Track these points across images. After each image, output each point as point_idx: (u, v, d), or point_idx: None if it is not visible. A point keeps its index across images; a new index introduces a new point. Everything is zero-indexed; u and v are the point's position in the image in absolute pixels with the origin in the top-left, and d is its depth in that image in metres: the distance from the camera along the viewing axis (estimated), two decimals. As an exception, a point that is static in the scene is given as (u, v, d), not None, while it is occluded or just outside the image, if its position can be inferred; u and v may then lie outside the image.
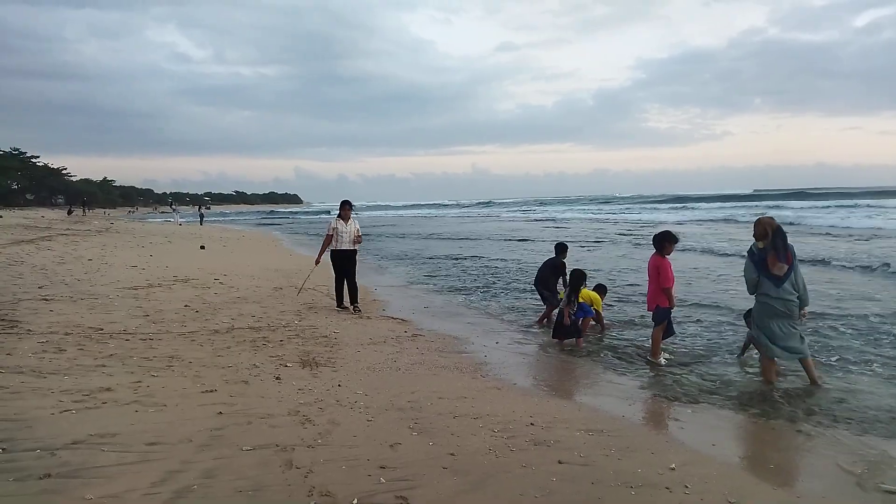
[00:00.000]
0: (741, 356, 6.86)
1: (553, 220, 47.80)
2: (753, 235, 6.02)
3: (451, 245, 24.59)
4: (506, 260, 18.07)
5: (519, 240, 26.69)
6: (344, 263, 9.96)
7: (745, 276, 6.13)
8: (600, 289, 8.82)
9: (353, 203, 10.29)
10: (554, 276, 9.22)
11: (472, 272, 15.37)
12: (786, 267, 5.80)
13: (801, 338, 5.93)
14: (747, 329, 6.55)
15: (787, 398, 5.56)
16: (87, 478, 3.57)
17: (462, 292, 12.25)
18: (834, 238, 22.17)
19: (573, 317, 7.72)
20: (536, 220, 47.39)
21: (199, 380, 5.69)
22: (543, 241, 25.04)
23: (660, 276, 6.82)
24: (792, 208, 44.84)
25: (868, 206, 42.90)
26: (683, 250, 17.12)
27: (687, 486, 3.78)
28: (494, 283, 13.45)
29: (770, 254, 5.81)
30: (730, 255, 17.33)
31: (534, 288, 9.74)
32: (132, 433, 4.27)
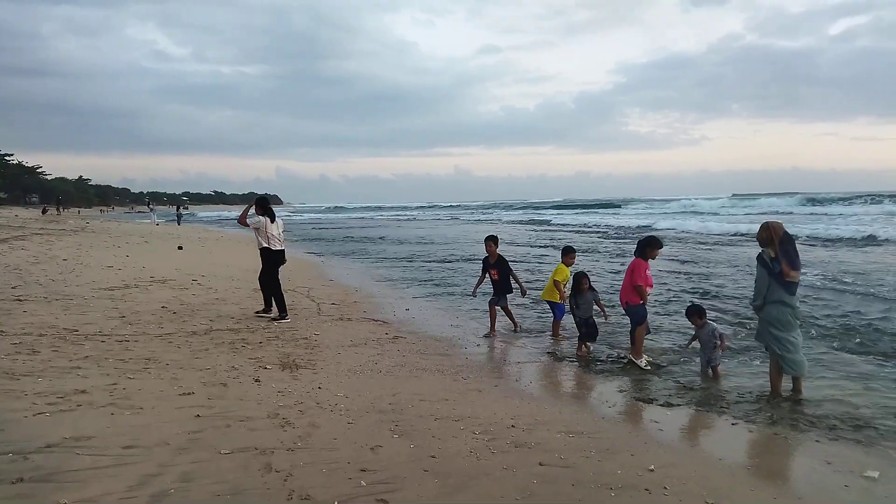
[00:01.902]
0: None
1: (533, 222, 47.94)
2: (759, 241, 5.91)
3: (430, 247, 24.57)
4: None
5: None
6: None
7: (756, 284, 5.94)
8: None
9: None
10: (483, 271, 9.08)
11: (452, 274, 15.37)
12: (797, 275, 5.72)
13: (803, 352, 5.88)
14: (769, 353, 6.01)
15: (765, 402, 5.62)
16: (60, 482, 3.51)
17: (442, 294, 12.24)
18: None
19: (578, 318, 7.55)
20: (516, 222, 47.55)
21: (176, 382, 5.63)
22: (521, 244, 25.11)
23: (633, 274, 6.93)
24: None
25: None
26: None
27: (666, 488, 3.82)
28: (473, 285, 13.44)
29: (783, 262, 5.67)
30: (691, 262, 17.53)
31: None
32: (108, 436, 4.21)
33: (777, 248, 5.71)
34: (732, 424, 5.13)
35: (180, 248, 21.42)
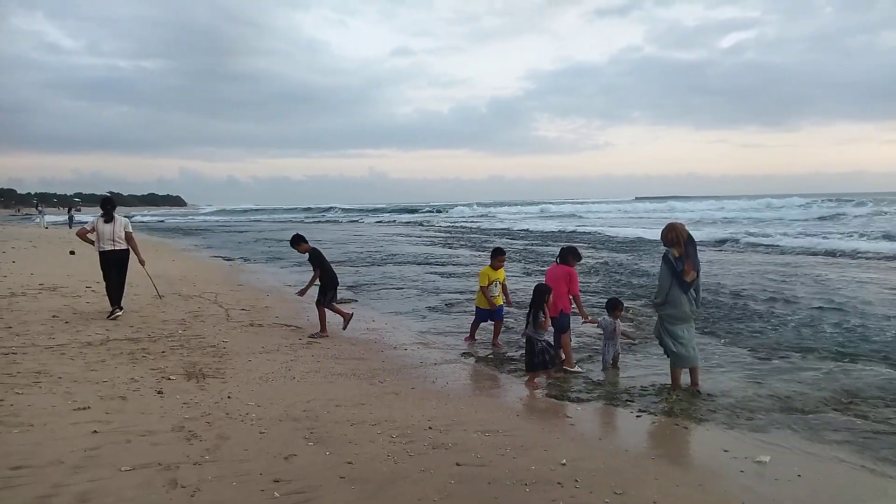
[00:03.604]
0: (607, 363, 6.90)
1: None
2: (664, 241, 6.13)
3: (344, 250, 24.29)
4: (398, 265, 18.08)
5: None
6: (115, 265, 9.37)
7: (659, 282, 6.17)
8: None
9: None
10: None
11: (367, 276, 15.25)
12: (695, 274, 6.00)
13: (695, 345, 6.18)
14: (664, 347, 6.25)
15: (666, 394, 5.92)
16: (-64, 511, 3.20)
17: (356, 298, 12.12)
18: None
19: (537, 341, 6.21)
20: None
21: (70, 396, 5.28)
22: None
23: (571, 283, 6.83)
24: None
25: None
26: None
27: (577, 481, 3.94)
28: (386, 287, 13.42)
29: (686, 262, 5.94)
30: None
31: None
32: (-8, 458, 3.89)
33: (682, 248, 6.02)
34: (637, 416, 5.37)
35: (72, 252, 20.04)
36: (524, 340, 6.50)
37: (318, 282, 8.60)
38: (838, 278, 13.40)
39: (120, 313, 9.15)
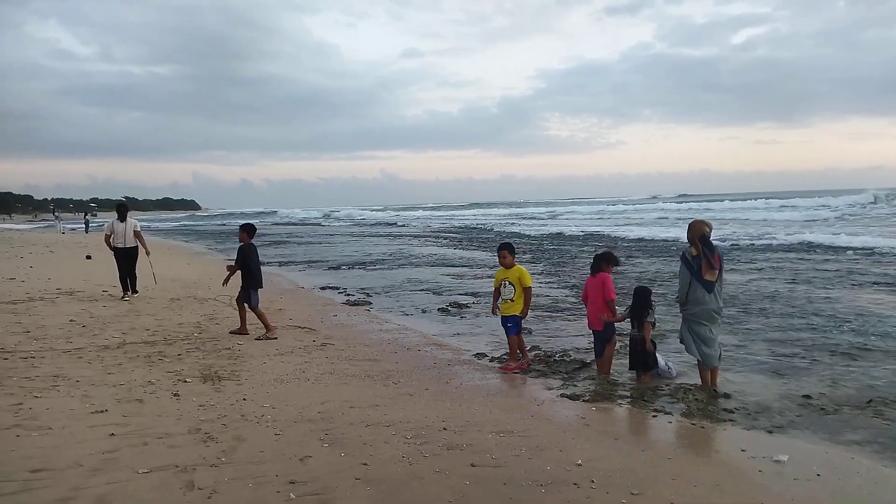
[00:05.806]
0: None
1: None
2: (688, 239, 6.09)
3: (351, 253, 24.35)
4: (403, 267, 18.09)
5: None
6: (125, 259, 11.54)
7: (679, 281, 6.12)
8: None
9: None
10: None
11: (380, 278, 15.28)
12: (717, 273, 5.92)
13: (720, 345, 6.12)
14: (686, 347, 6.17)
15: (682, 394, 5.86)
16: (-42, 514, 3.25)
17: (370, 300, 12.14)
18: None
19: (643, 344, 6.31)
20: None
21: (87, 400, 5.33)
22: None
23: (605, 289, 6.50)
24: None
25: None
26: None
27: (593, 481, 3.91)
28: (398, 289, 13.44)
29: (703, 260, 5.89)
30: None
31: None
32: (13, 460, 3.95)
33: (698, 246, 5.96)
34: (653, 417, 5.33)
35: (89, 257, 20.26)
36: (629, 341, 6.65)
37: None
38: (859, 274, 13.23)
39: (129, 297, 11.38)
